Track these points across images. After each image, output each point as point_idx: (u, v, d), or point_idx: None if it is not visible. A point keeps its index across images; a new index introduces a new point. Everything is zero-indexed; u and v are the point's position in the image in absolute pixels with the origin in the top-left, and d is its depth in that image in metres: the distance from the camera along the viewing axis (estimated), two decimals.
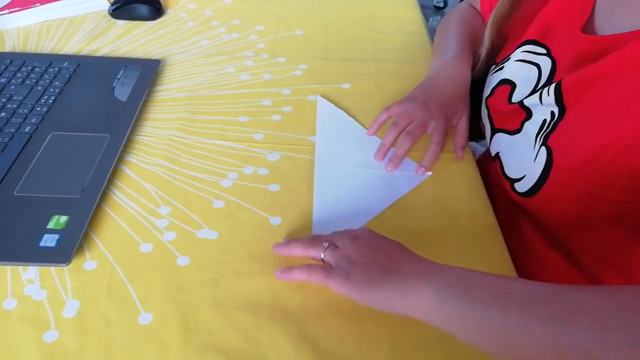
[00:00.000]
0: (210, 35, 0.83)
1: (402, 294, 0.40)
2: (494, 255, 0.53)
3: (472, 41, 0.72)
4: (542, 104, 0.54)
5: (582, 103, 0.50)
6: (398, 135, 0.61)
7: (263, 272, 0.49)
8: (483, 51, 0.66)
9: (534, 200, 0.54)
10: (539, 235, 0.59)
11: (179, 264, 0.50)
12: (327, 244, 0.46)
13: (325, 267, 0.45)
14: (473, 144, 0.74)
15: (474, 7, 0.78)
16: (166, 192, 0.57)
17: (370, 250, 0.44)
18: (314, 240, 0.48)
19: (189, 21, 0.86)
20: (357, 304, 0.46)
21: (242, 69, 0.75)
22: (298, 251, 0.48)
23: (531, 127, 0.55)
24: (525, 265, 0.56)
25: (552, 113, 0.52)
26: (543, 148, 0.52)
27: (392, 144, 0.61)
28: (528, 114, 0.56)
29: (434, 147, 0.60)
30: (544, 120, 0.53)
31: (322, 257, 0.46)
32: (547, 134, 0.52)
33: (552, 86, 0.53)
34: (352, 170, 0.60)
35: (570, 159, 0.50)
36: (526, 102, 0.56)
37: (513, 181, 0.57)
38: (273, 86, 0.73)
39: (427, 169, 0.60)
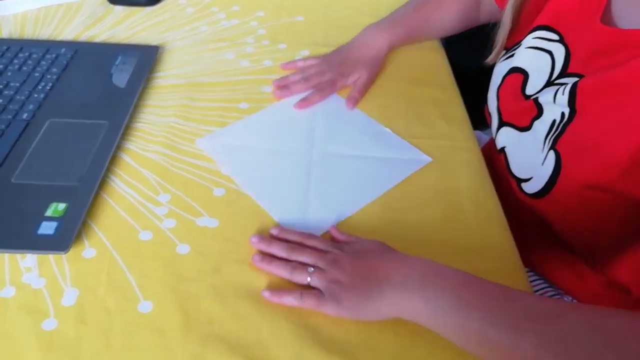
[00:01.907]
0: (209, 22, 0.81)
1: (394, 304, 0.42)
2: (499, 244, 0.52)
3: (420, 14, 0.74)
4: (555, 102, 0.52)
5: (594, 109, 0.48)
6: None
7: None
8: (501, 34, 0.63)
9: (541, 202, 0.53)
10: (544, 230, 0.58)
11: (178, 252, 0.49)
12: (312, 269, 0.45)
13: (317, 295, 0.44)
14: (478, 132, 0.73)
15: None
16: (165, 179, 0.56)
17: (354, 269, 0.44)
18: (299, 266, 0.46)
19: (188, 7, 0.85)
20: None
21: (242, 56, 0.74)
22: (282, 274, 0.47)
23: (540, 127, 0.54)
24: (530, 256, 0.55)
25: (562, 114, 0.51)
26: (552, 152, 0.51)
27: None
28: (539, 111, 0.54)
29: (316, 91, 0.66)
30: (554, 121, 0.52)
31: (309, 283, 0.45)
32: (556, 137, 0.51)
33: (569, 86, 0.51)
34: (349, 155, 0.59)
35: (578, 166, 0.49)
36: (540, 99, 0.55)
37: (520, 180, 0.56)
38: (274, 73, 0.72)
39: (300, 107, 0.65)
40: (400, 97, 0.69)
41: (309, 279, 0.45)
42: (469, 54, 0.69)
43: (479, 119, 0.67)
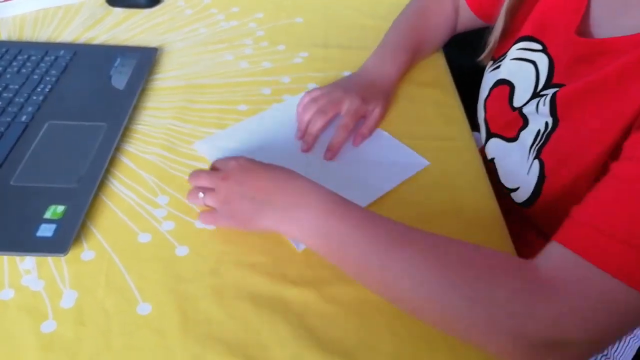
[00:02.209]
0: (208, 23, 0.81)
1: (276, 223, 0.46)
2: (498, 244, 0.52)
3: (417, 36, 0.72)
4: (538, 113, 0.53)
5: (574, 116, 0.49)
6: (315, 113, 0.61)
7: (263, 262, 0.49)
8: (492, 39, 0.64)
9: (529, 210, 0.54)
10: (536, 232, 0.58)
11: (177, 254, 0.49)
12: (202, 194, 0.50)
13: (212, 213, 0.50)
14: (476, 134, 0.73)
15: None
16: (164, 181, 0.56)
17: (241, 189, 0.48)
18: (192, 191, 0.51)
19: (186, 9, 0.85)
20: (358, 296, 0.46)
21: (241, 57, 0.74)
22: (187, 196, 0.52)
23: (527, 137, 0.55)
24: (527, 257, 0.55)
25: (546, 124, 0.52)
26: (536, 161, 0.52)
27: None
28: (525, 122, 0.56)
29: (339, 131, 0.60)
30: (539, 131, 0.53)
31: (205, 204, 0.50)
32: (540, 147, 0.52)
33: (549, 96, 0.52)
34: (346, 159, 0.59)
35: (561, 174, 0.50)
36: (525, 110, 0.56)
37: (509, 190, 0.57)
38: (273, 74, 0.72)
39: (332, 154, 0.59)
40: (399, 98, 0.69)
41: (203, 202, 0.50)
42: (468, 55, 0.69)
43: (476, 120, 0.67)
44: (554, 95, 0.51)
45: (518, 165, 0.55)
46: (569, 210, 0.51)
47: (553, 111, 0.51)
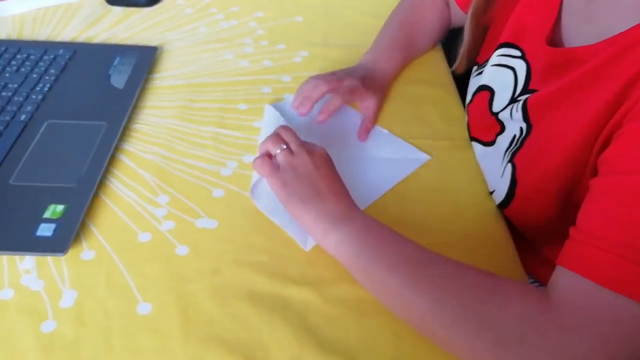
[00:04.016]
0: (208, 22, 0.81)
1: (312, 224, 0.47)
2: (497, 242, 0.52)
3: (410, 32, 0.73)
4: (512, 119, 0.54)
5: (545, 121, 0.50)
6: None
7: (264, 262, 0.49)
8: (464, 47, 0.64)
9: (507, 211, 0.55)
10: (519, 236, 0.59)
11: (178, 253, 0.49)
12: (285, 146, 0.51)
13: (273, 166, 0.50)
14: None
15: None
16: (164, 180, 0.56)
17: (314, 172, 0.49)
18: (277, 137, 0.52)
19: (186, 8, 0.84)
20: (359, 296, 0.46)
21: (241, 56, 0.74)
22: (261, 146, 0.53)
23: (503, 142, 0.56)
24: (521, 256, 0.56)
25: (521, 129, 0.53)
26: (509, 165, 0.53)
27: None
28: (502, 127, 0.57)
29: (335, 97, 0.61)
30: (514, 136, 0.54)
31: (276, 155, 0.51)
32: (515, 151, 0.53)
33: (521, 103, 0.53)
34: (347, 156, 0.59)
35: (531, 176, 0.51)
36: (501, 116, 0.57)
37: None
38: (273, 73, 0.71)
39: (324, 116, 0.61)
40: (399, 97, 0.69)
41: (278, 150, 0.51)
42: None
43: None
44: (525, 101, 0.52)
45: (493, 169, 0.57)
46: (540, 213, 0.51)
47: (525, 117, 0.52)
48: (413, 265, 0.43)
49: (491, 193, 0.57)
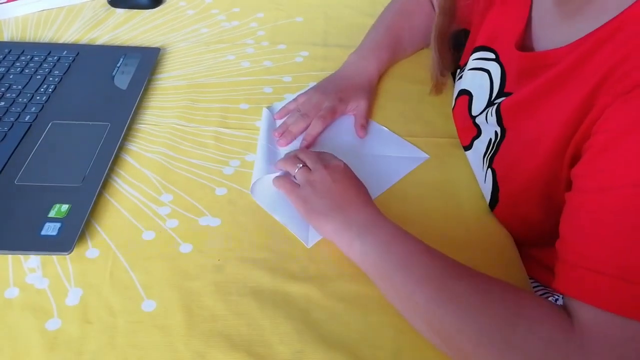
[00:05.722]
0: (210, 23, 0.82)
1: (335, 234, 0.48)
2: (497, 239, 0.52)
3: (396, 33, 0.73)
4: (487, 122, 0.55)
5: (518, 126, 0.50)
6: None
7: (266, 258, 0.49)
8: (433, 71, 0.64)
9: (494, 215, 0.55)
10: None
11: (181, 251, 0.50)
12: (301, 165, 0.53)
13: (294, 185, 0.53)
14: None
15: None
16: (168, 179, 0.57)
17: (332, 185, 0.50)
18: (294, 158, 0.55)
19: (188, 9, 0.85)
20: (361, 291, 0.47)
21: (242, 57, 0.75)
22: (278, 165, 0.56)
23: (480, 147, 0.56)
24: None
25: (496, 133, 0.53)
26: (489, 170, 0.54)
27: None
28: (479, 131, 0.57)
29: (315, 123, 0.61)
30: (490, 140, 0.54)
31: (294, 175, 0.53)
32: (492, 156, 0.53)
33: (494, 107, 0.53)
34: (346, 154, 0.60)
35: (512, 182, 0.51)
36: (477, 120, 0.57)
37: None
38: (274, 73, 0.72)
39: (307, 144, 0.61)
40: (398, 96, 0.69)
41: (295, 171, 0.53)
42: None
43: None
44: (498, 105, 0.53)
45: (477, 174, 0.57)
46: (525, 217, 0.51)
47: (499, 121, 0.52)
48: (440, 280, 0.42)
49: None
